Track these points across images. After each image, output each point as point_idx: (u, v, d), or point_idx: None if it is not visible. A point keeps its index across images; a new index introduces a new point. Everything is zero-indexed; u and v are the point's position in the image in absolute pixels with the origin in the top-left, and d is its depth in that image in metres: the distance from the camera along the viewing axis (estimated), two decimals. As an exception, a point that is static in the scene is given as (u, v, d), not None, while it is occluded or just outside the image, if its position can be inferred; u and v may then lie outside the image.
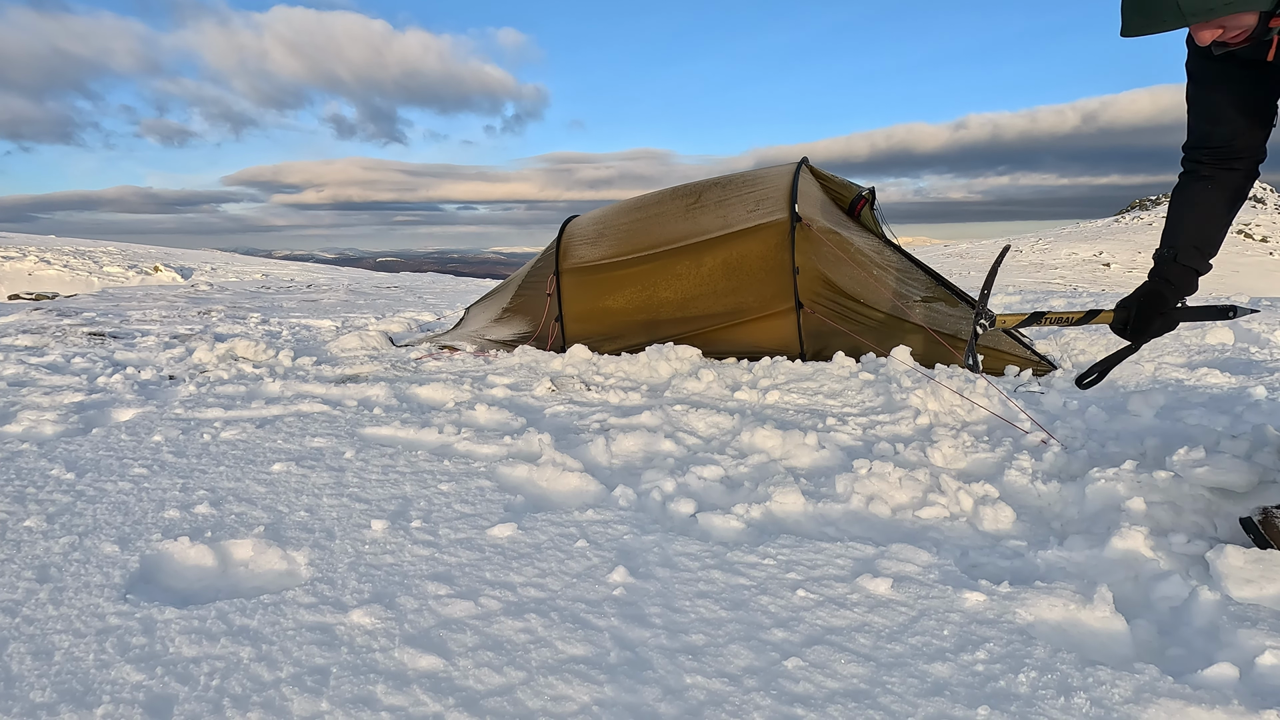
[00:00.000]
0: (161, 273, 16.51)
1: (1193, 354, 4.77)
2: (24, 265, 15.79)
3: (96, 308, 8.74)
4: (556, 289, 5.29)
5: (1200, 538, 2.11)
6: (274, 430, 3.27)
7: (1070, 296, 10.16)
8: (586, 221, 5.73)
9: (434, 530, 2.23)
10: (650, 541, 2.17)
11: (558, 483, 2.64)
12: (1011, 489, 2.58)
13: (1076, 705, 1.44)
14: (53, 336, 5.88)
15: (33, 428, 3.27)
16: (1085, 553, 2.04)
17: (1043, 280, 18.08)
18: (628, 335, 5.07)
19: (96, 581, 1.90)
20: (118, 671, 1.53)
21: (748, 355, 4.75)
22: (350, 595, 1.84)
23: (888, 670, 1.56)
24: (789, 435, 3.07)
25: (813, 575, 1.96)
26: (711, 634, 1.70)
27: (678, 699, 1.48)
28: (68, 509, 2.36)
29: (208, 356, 4.91)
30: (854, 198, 5.53)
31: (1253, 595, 1.78)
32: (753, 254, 4.84)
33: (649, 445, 3.06)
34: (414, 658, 1.59)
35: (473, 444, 3.08)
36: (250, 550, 2.10)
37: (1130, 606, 1.81)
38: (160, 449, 3.00)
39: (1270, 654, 1.53)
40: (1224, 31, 1.72)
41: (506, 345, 5.37)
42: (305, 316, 8.36)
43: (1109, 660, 1.59)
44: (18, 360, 4.72)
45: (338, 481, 2.64)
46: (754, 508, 2.39)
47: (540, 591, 1.88)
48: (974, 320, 2.57)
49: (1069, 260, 26.42)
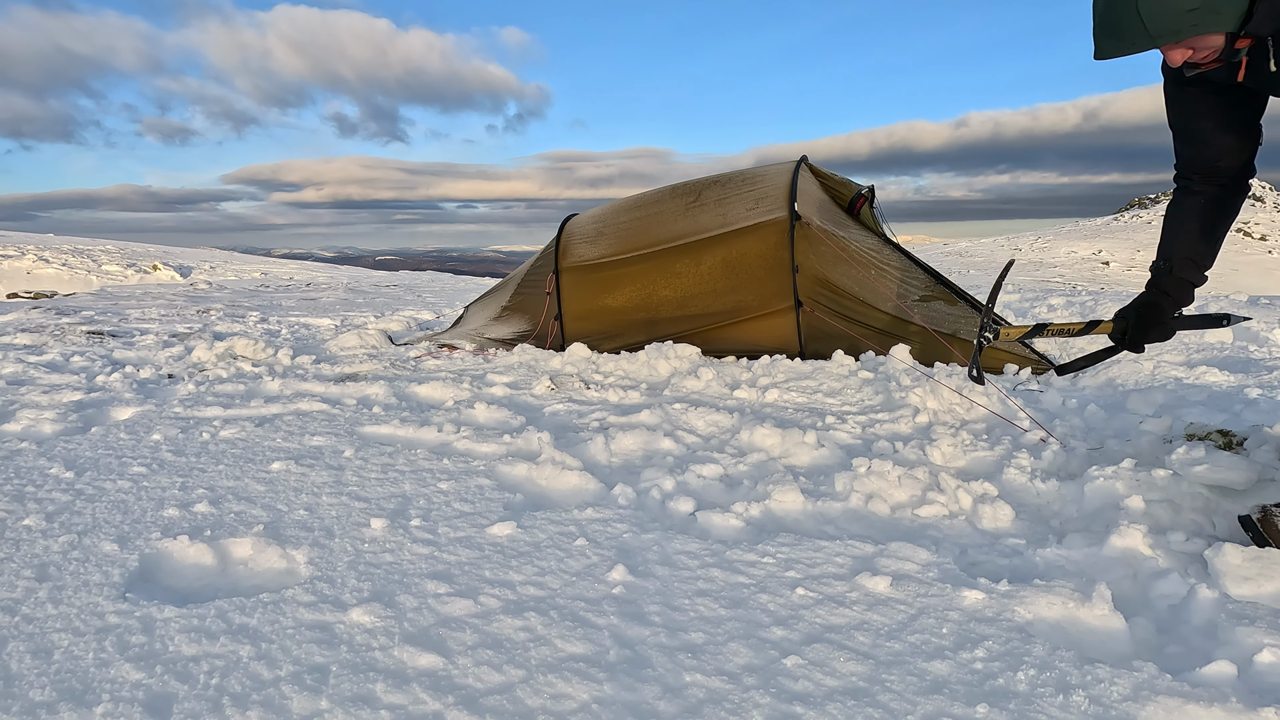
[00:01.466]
0: (160, 271, 16.49)
1: (1191, 352, 4.77)
2: (23, 264, 15.77)
3: (95, 306, 8.73)
4: (556, 287, 5.29)
5: (1199, 536, 2.11)
6: (273, 429, 3.27)
7: (1069, 295, 10.17)
8: (586, 220, 5.73)
9: (433, 529, 2.23)
10: (649, 540, 2.17)
11: (557, 481, 2.64)
12: (1010, 487, 2.58)
13: (1075, 703, 1.44)
14: (51, 335, 5.88)
15: (32, 426, 3.27)
16: (1084, 551, 2.04)
17: (1041, 279, 18.09)
18: (627, 333, 5.07)
19: (96, 580, 1.89)
20: (117, 670, 1.53)
21: (747, 354, 4.75)
22: (350, 594, 1.84)
23: (887, 668, 1.56)
24: (788, 433, 3.07)
25: (812, 573, 1.96)
26: (711, 632, 1.70)
27: (677, 697, 1.48)
28: (67, 508, 2.36)
29: (207, 355, 4.91)
30: (853, 196, 5.53)
31: (1251, 593, 1.78)
32: (752, 252, 4.84)
33: (648, 444, 3.06)
34: (413, 656, 1.59)
35: (472, 442, 3.08)
36: (249, 549, 2.10)
37: (1129, 604, 1.82)
38: (159, 447, 3.00)
39: (1268, 652, 1.53)
40: (1194, 53, 1.77)
41: (506, 344, 5.37)
42: (304, 315, 8.36)
43: (1107, 658, 1.59)
44: (16, 359, 4.71)
45: (337, 480, 2.64)
46: (753, 506, 2.39)
47: (540, 590, 1.88)
48: (978, 332, 2.59)
49: (1068, 259, 26.43)
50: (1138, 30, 1.70)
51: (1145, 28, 1.69)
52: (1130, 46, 1.74)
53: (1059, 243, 30.74)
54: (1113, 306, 8.01)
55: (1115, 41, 1.75)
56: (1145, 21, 1.69)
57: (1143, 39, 1.71)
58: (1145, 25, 1.69)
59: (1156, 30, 1.69)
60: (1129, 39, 1.73)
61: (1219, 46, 1.74)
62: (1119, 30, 1.72)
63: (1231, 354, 4.69)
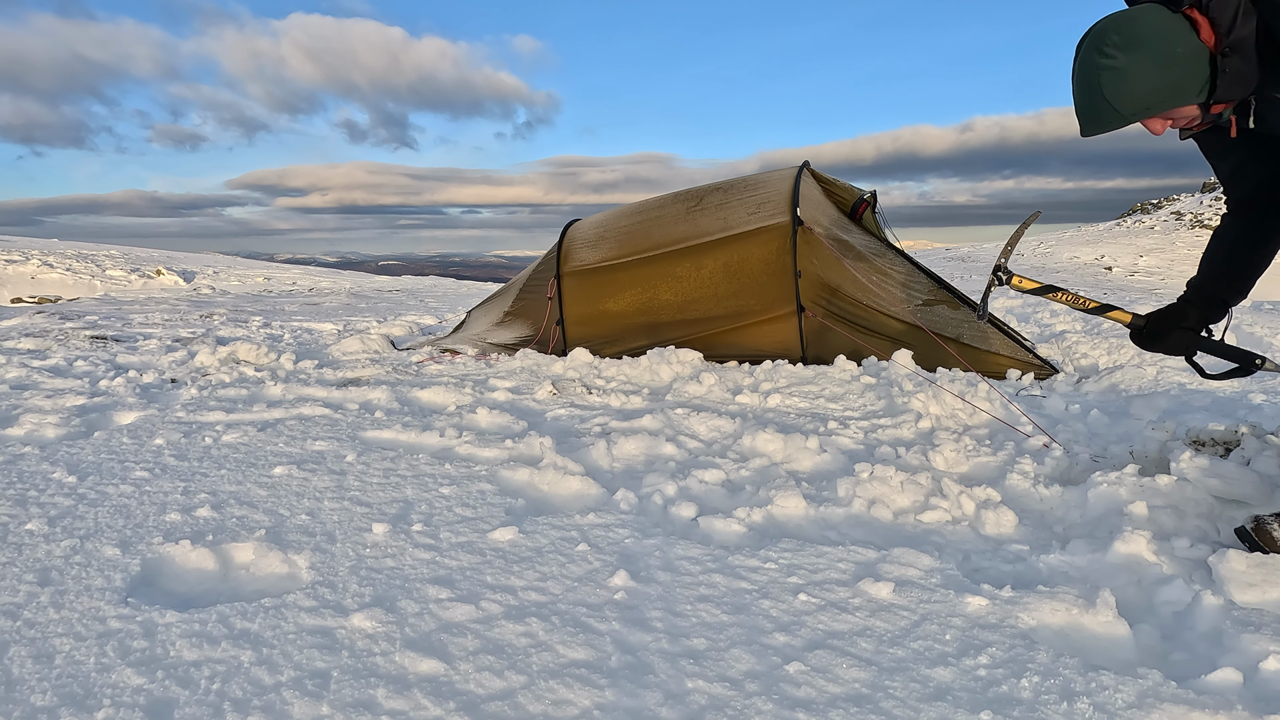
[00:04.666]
0: (164, 276, 16.53)
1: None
2: (27, 269, 15.82)
3: (99, 311, 8.75)
4: (558, 292, 5.29)
5: (1203, 542, 2.10)
6: (275, 433, 3.27)
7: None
8: (588, 225, 5.74)
9: (435, 534, 2.23)
10: (651, 545, 2.17)
11: (559, 486, 2.64)
12: (1014, 493, 2.58)
13: (1079, 710, 1.44)
14: (55, 340, 5.89)
15: (35, 431, 3.28)
16: (1088, 557, 2.04)
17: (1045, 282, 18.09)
18: (629, 338, 5.07)
19: (98, 585, 1.89)
20: (118, 675, 1.53)
21: (749, 359, 4.75)
22: (351, 599, 1.84)
23: (890, 675, 1.55)
24: (790, 439, 3.06)
25: (814, 579, 1.96)
26: (713, 638, 1.69)
27: (679, 703, 1.47)
28: (69, 512, 2.36)
29: (209, 360, 4.92)
30: (856, 201, 5.53)
31: (1255, 600, 1.77)
32: (754, 257, 4.84)
33: (650, 449, 3.06)
34: (415, 661, 1.58)
35: (474, 447, 3.08)
36: (251, 553, 2.10)
37: (1133, 611, 1.81)
38: (162, 452, 3.00)
39: (1274, 659, 1.52)
40: (1174, 122, 1.83)
41: (508, 349, 5.38)
42: (307, 320, 8.37)
43: (1112, 665, 1.58)
44: (20, 363, 4.72)
45: (339, 485, 2.64)
46: (755, 511, 2.39)
47: (541, 595, 1.88)
48: (992, 271, 2.64)
49: (1070, 264, 26.40)
50: (1110, 112, 1.78)
51: (1116, 110, 1.77)
52: (1108, 125, 1.81)
53: (1061, 247, 30.71)
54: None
55: (1093, 122, 1.82)
56: (1114, 105, 1.76)
57: (1117, 119, 1.79)
58: (1115, 108, 1.76)
59: (1126, 111, 1.76)
60: (1106, 120, 1.80)
61: (1195, 115, 1.80)
62: (1096, 113, 1.80)
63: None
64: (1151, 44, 1.71)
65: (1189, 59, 1.71)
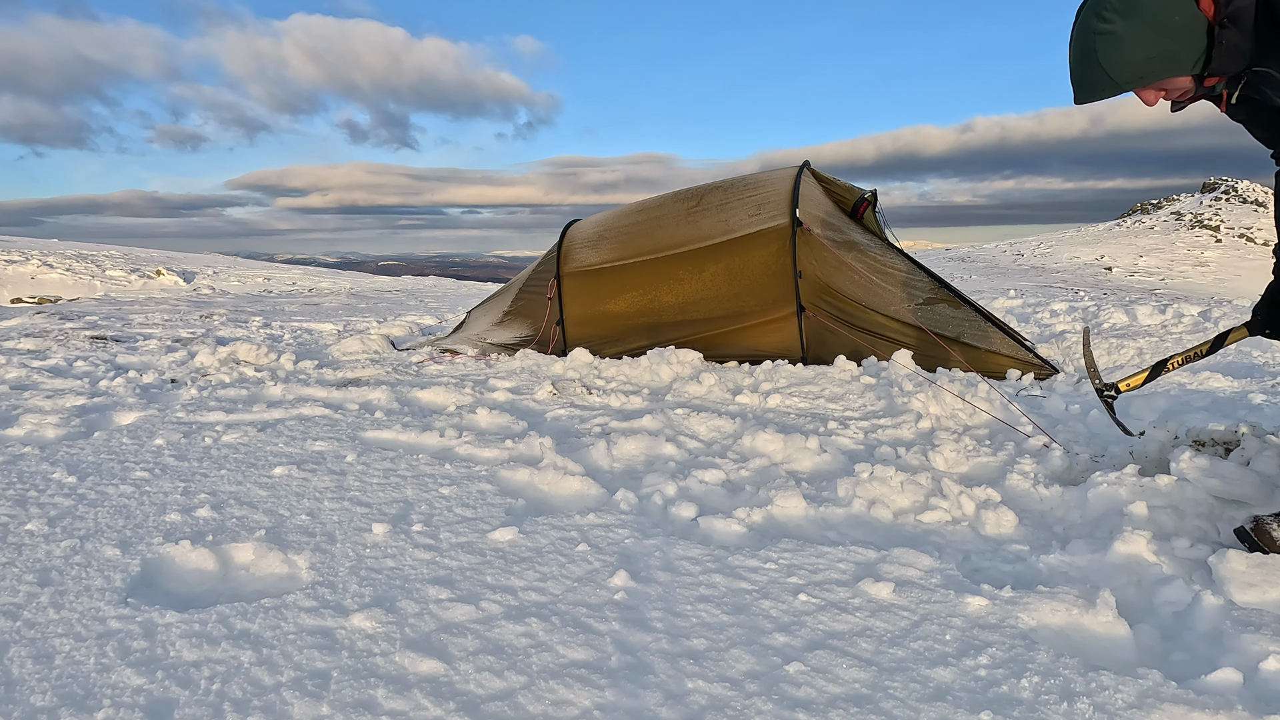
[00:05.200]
0: (164, 277, 16.52)
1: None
2: (27, 269, 15.81)
3: (99, 311, 8.75)
4: (558, 292, 5.30)
5: (1203, 542, 2.10)
6: (275, 434, 3.27)
7: (1071, 300, 10.16)
8: (588, 225, 5.74)
9: (435, 534, 2.23)
10: (651, 545, 2.17)
11: (559, 486, 2.64)
12: (1013, 493, 2.58)
13: (1079, 711, 1.44)
14: (55, 340, 5.89)
15: (35, 431, 3.28)
16: (1088, 557, 2.04)
17: (1044, 284, 18.09)
18: (629, 338, 5.07)
19: (97, 585, 1.89)
20: (118, 675, 1.53)
21: (749, 359, 4.75)
22: (351, 599, 1.84)
23: (890, 675, 1.55)
24: (790, 439, 3.06)
25: (814, 579, 1.96)
26: (713, 638, 1.69)
27: (679, 704, 1.47)
28: (69, 512, 2.36)
29: (209, 360, 4.92)
30: (856, 200, 5.53)
31: (1255, 600, 1.77)
32: (754, 259, 4.84)
33: (650, 449, 3.06)
34: (415, 662, 1.58)
35: (474, 447, 3.08)
36: (251, 554, 2.10)
37: (1133, 611, 1.81)
38: (162, 452, 3.00)
39: (1274, 659, 1.52)
40: (1167, 93, 1.85)
41: (508, 349, 5.38)
42: (307, 320, 8.37)
43: (1112, 665, 1.58)
44: (20, 364, 4.72)
45: (339, 485, 2.64)
46: (755, 511, 2.39)
47: (541, 595, 1.88)
48: (1099, 395, 2.80)
49: (1070, 264, 26.39)
50: (1104, 79, 1.79)
51: (1110, 77, 1.78)
52: (1101, 93, 1.82)
53: (1061, 248, 30.70)
54: (1116, 309, 7.99)
55: (1088, 90, 1.84)
56: (1108, 72, 1.77)
57: (1110, 86, 1.80)
58: (1109, 75, 1.77)
59: (1121, 78, 1.78)
60: (1099, 87, 1.81)
61: (1189, 87, 1.81)
62: (1089, 80, 1.81)
63: (1235, 359, 4.68)
64: (1150, 10, 1.71)
65: (1186, 28, 1.71)
